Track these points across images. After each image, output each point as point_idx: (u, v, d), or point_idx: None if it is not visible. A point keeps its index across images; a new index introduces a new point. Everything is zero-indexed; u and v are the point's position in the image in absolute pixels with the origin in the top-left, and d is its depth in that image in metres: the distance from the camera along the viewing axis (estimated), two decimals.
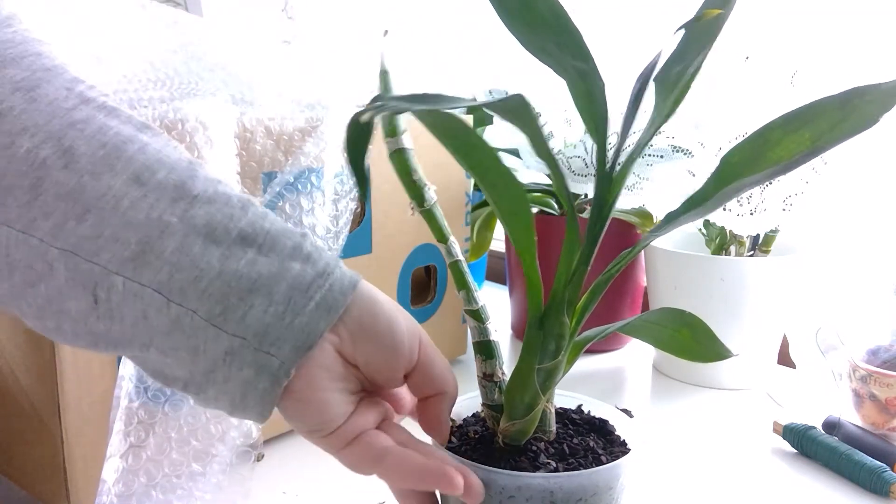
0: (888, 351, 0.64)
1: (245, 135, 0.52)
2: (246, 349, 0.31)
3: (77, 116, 0.30)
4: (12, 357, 0.49)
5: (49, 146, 0.29)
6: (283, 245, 0.32)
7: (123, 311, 0.30)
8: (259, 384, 0.31)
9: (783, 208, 0.68)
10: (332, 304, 0.32)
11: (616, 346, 0.86)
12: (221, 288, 0.30)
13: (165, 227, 0.30)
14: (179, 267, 0.30)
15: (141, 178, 0.30)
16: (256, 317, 0.31)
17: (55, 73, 0.31)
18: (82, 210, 0.29)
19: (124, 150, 0.30)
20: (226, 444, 0.48)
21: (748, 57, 0.70)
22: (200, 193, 0.31)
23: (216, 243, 0.30)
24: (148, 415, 0.47)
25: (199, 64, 0.51)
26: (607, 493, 0.37)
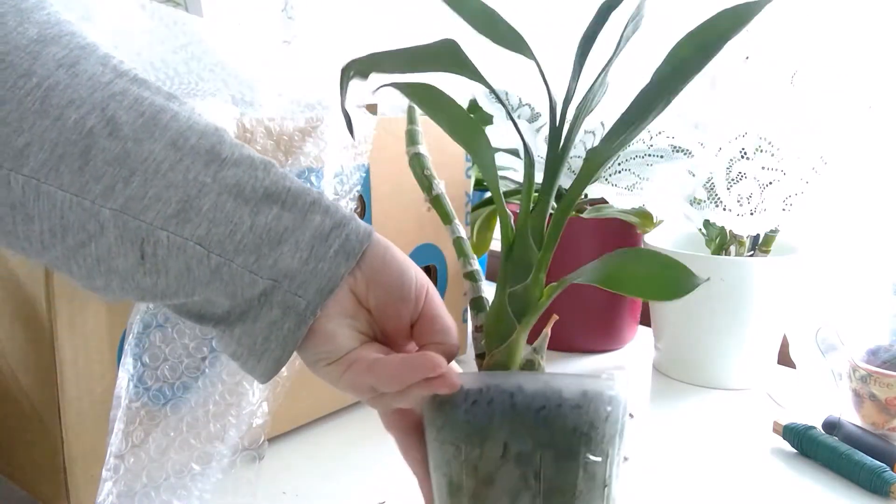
0: (888, 351, 0.64)
1: (245, 135, 0.52)
2: (278, 290, 0.34)
3: (115, 89, 0.33)
4: (12, 357, 0.49)
5: (94, 116, 0.32)
6: (303, 200, 0.35)
7: (168, 265, 0.33)
8: (285, 324, 0.34)
9: (783, 208, 0.68)
10: (349, 251, 0.35)
11: (616, 346, 0.86)
12: (254, 239, 0.34)
13: (202, 187, 0.33)
14: (216, 222, 0.33)
15: (177, 144, 0.33)
16: (286, 263, 0.34)
17: (90, 50, 0.33)
18: (129, 173, 0.32)
19: (160, 118, 0.33)
20: (226, 444, 0.48)
21: (748, 57, 0.70)
22: (228, 156, 0.34)
23: (246, 201, 0.34)
24: (148, 415, 0.47)
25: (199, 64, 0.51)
26: (575, 409, 0.35)
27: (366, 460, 0.58)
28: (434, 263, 0.74)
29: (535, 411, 0.34)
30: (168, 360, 0.48)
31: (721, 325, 0.71)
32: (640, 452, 0.59)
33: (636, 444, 0.60)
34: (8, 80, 0.31)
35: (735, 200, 0.68)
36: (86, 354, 0.46)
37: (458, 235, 0.45)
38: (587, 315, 0.83)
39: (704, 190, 0.69)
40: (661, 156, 0.70)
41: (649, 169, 0.71)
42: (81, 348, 0.46)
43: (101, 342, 0.47)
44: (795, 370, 0.78)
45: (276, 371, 0.35)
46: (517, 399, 0.35)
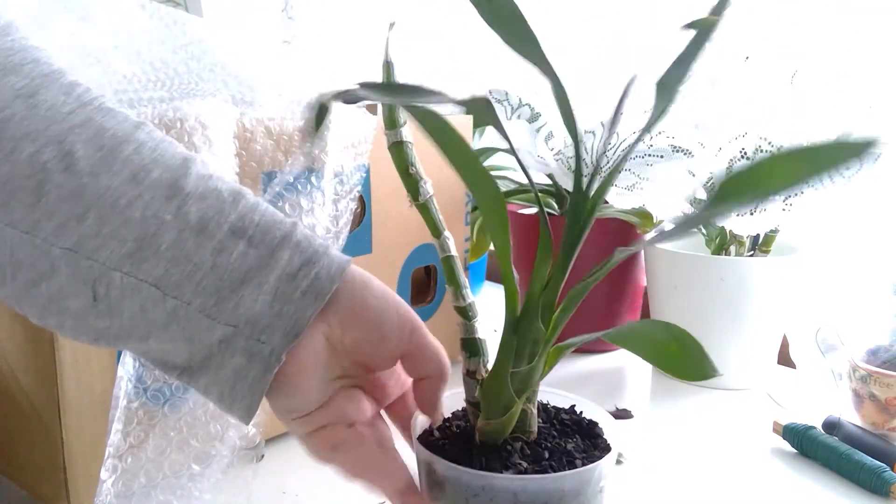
0: (888, 351, 0.64)
1: (245, 135, 0.52)
2: (238, 337, 0.32)
3: (75, 120, 0.31)
4: (12, 357, 0.49)
5: (50, 150, 0.30)
6: (272, 236, 0.33)
7: (122, 306, 0.31)
8: (250, 372, 0.32)
9: (783, 208, 0.68)
10: (319, 291, 0.33)
11: (616, 346, 0.86)
12: (214, 281, 0.32)
13: (161, 224, 0.31)
14: (175, 261, 0.31)
15: (137, 178, 0.31)
16: (247, 306, 0.32)
17: (52, 78, 0.32)
18: (83, 210, 0.30)
19: (121, 150, 0.31)
20: (225, 444, 0.48)
21: (748, 57, 0.70)
22: (192, 191, 0.32)
23: (209, 238, 0.32)
24: (147, 415, 0.47)
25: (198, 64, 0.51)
26: (574, 498, 0.36)
27: None
28: (434, 264, 0.74)
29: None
30: None
31: (721, 325, 0.71)
32: (640, 452, 0.59)
33: (636, 444, 0.60)
34: None
35: None
36: (86, 354, 0.46)
37: (448, 255, 0.40)
38: (587, 315, 0.82)
39: (704, 190, 0.69)
40: (661, 156, 0.70)
41: (649, 169, 0.71)
42: (81, 348, 0.46)
43: None
44: (795, 370, 0.78)
45: (250, 416, 0.34)
46: (521, 499, 0.36)
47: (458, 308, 0.40)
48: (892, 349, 0.64)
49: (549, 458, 0.38)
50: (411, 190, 0.40)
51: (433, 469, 0.38)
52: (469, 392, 0.40)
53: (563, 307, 0.37)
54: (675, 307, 0.74)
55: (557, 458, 0.38)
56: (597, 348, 0.84)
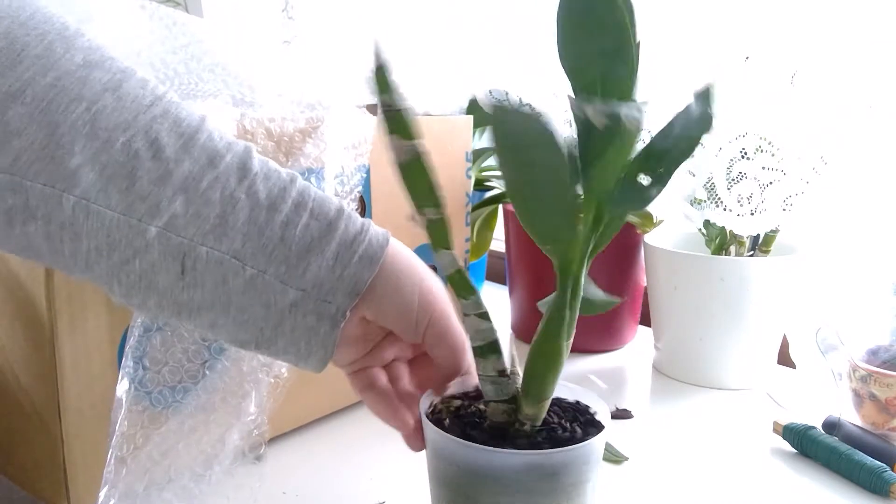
0: (888, 351, 0.64)
1: (245, 136, 0.52)
2: (307, 300, 0.36)
3: (156, 111, 0.35)
4: (12, 357, 0.49)
5: (140, 139, 0.34)
6: (328, 209, 0.38)
7: (206, 279, 0.35)
8: (321, 328, 0.37)
9: (783, 208, 0.68)
10: (371, 257, 0.38)
11: (616, 346, 0.86)
12: (284, 251, 0.36)
13: (237, 202, 0.35)
14: (250, 235, 0.35)
15: (213, 162, 0.35)
16: (313, 272, 0.36)
17: (129, 73, 0.35)
18: (172, 192, 0.34)
19: (197, 138, 0.35)
20: (227, 445, 0.48)
21: (748, 57, 0.70)
22: (258, 171, 0.36)
23: (277, 213, 0.36)
24: (150, 418, 0.47)
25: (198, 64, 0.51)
26: (575, 470, 0.38)
27: (366, 460, 0.58)
28: (434, 264, 0.74)
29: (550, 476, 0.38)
30: (168, 363, 0.48)
31: (721, 325, 0.71)
32: (640, 452, 0.59)
33: (636, 444, 0.60)
34: (61, 104, 0.33)
35: (735, 200, 0.68)
36: (86, 354, 0.46)
37: (457, 268, 0.39)
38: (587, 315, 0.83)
39: (704, 190, 0.70)
40: None
41: None
42: (81, 348, 0.46)
43: (101, 342, 0.47)
44: (795, 370, 0.78)
45: (324, 366, 0.39)
46: (525, 473, 0.38)
47: (480, 314, 0.40)
48: (892, 349, 0.64)
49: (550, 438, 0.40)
50: (431, 202, 0.36)
51: (443, 447, 0.39)
52: (502, 392, 0.40)
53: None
54: (675, 307, 0.74)
55: (557, 438, 0.40)
56: (597, 348, 0.84)
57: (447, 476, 0.40)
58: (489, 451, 0.38)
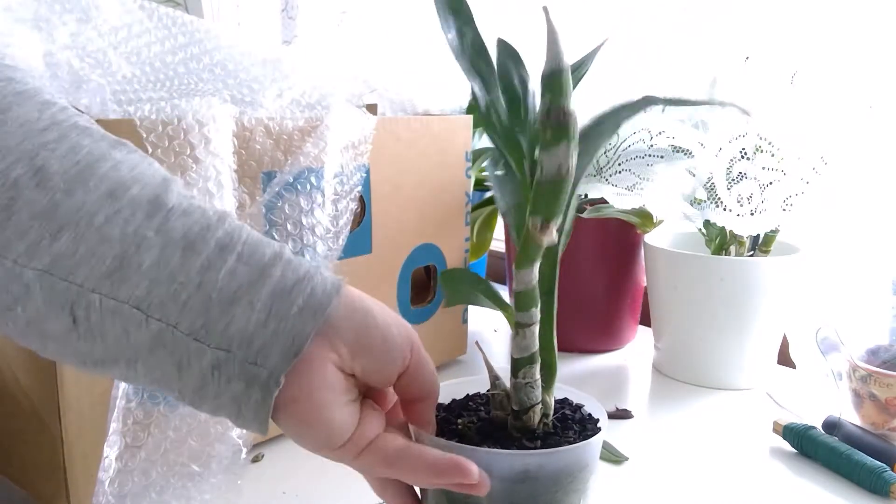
0: (888, 351, 0.64)
1: (244, 134, 0.52)
2: (231, 361, 0.30)
3: (49, 137, 0.30)
4: (12, 357, 0.49)
5: (21, 166, 0.29)
6: (262, 252, 0.32)
7: (104, 330, 0.30)
8: (251, 396, 0.31)
9: (783, 208, 0.68)
10: (316, 307, 0.32)
11: (616, 346, 0.86)
12: (202, 300, 0.30)
13: (142, 241, 0.29)
14: (157, 281, 0.29)
15: (115, 194, 0.30)
16: (239, 327, 0.30)
17: (26, 96, 0.31)
18: (56, 228, 0.29)
19: (98, 167, 0.30)
20: (224, 444, 0.48)
21: (748, 57, 0.70)
22: (175, 206, 0.31)
23: (195, 254, 0.30)
24: (145, 415, 0.47)
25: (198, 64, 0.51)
26: (576, 471, 0.39)
27: None
28: (434, 263, 0.74)
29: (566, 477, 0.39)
30: None
31: (721, 325, 0.71)
32: (640, 452, 0.59)
33: (636, 444, 0.60)
34: None
35: (735, 200, 0.68)
36: None
37: (534, 286, 0.38)
38: (587, 315, 0.83)
39: (704, 190, 0.69)
40: (661, 156, 0.70)
41: (649, 169, 0.71)
42: None
43: None
44: (795, 370, 0.78)
45: (265, 431, 0.32)
46: (529, 474, 0.38)
47: (533, 325, 0.39)
48: (892, 349, 0.64)
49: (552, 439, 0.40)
50: (558, 216, 0.35)
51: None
52: (533, 398, 0.41)
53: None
54: (675, 307, 0.74)
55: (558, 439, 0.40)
56: (597, 348, 0.84)
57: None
58: (490, 454, 0.37)
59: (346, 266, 0.62)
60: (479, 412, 0.44)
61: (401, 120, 0.67)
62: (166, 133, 0.47)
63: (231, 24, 1.11)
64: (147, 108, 0.46)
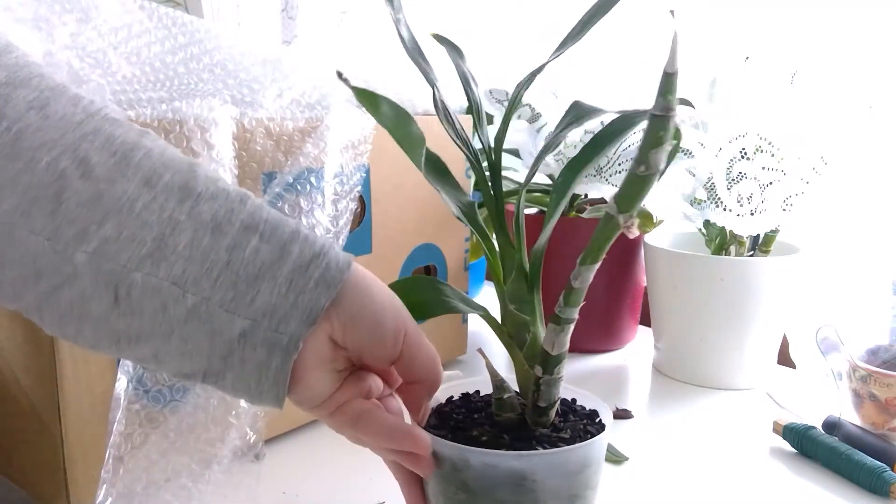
0: (888, 351, 0.64)
1: (245, 135, 0.52)
2: (257, 329, 0.33)
3: (86, 129, 0.32)
4: (12, 357, 0.49)
5: (66, 158, 0.32)
6: (282, 231, 0.35)
7: (143, 306, 0.32)
8: (272, 361, 0.34)
9: (783, 208, 0.68)
10: (330, 281, 0.35)
11: (616, 346, 0.86)
12: (230, 276, 0.33)
13: (176, 225, 0.33)
14: (192, 260, 0.33)
15: (150, 182, 0.33)
16: (264, 299, 0.34)
17: (59, 91, 0.33)
18: (102, 215, 0.32)
19: (132, 156, 0.33)
20: (226, 444, 0.48)
21: (748, 57, 0.70)
22: (203, 191, 0.34)
23: (223, 235, 0.33)
24: (148, 417, 0.47)
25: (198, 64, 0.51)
26: (578, 471, 0.39)
27: (365, 460, 0.58)
28: (434, 263, 0.74)
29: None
30: None
31: (721, 325, 0.71)
32: (640, 452, 0.59)
33: (636, 444, 0.60)
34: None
35: (735, 200, 0.68)
36: (85, 354, 0.46)
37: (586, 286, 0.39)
38: (587, 315, 0.82)
39: (704, 190, 0.69)
40: None
41: None
42: (81, 349, 0.46)
43: None
44: (795, 370, 0.78)
45: (281, 404, 0.35)
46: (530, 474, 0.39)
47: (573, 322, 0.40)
48: (892, 349, 0.64)
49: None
50: (635, 210, 0.35)
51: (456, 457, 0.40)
52: (551, 396, 0.42)
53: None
54: (675, 307, 0.74)
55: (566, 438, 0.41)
56: (597, 348, 0.84)
57: (449, 481, 0.40)
58: (495, 455, 0.38)
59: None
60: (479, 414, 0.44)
61: None
62: (164, 131, 0.47)
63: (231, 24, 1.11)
64: (147, 108, 0.46)
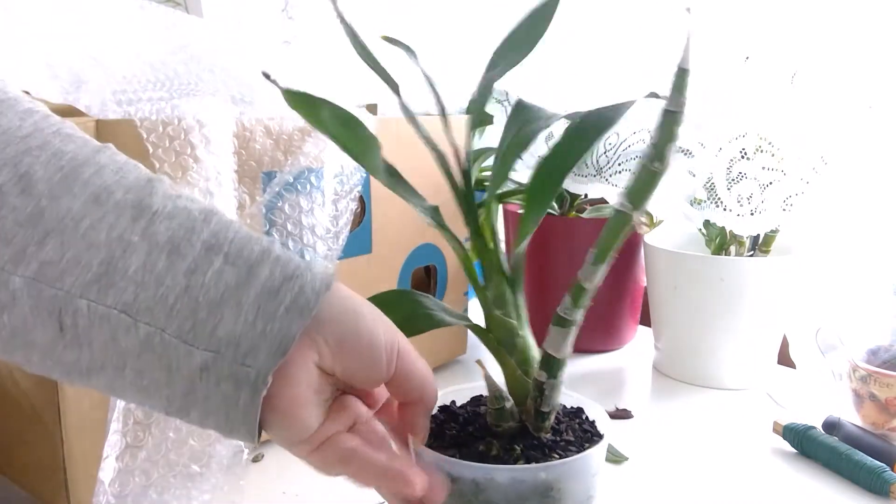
0: (888, 351, 0.64)
1: (244, 134, 0.52)
2: (221, 363, 0.30)
3: (32, 143, 0.30)
4: None
5: (5, 172, 0.29)
6: (249, 251, 0.32)
7: (91, 336, 0.29)
8: (240, 398, 0.31)
9: (783, 208, 0.68)
10: (303, 306, 0.31)
11: (616, 346, 0.86)
12: (189, 303, 0.30)
13: (127, 246, 0.29)
14: (145, 285, 0.29)
15: (100, 199, 0.30)
16: (227, 328, 0.30)
17: (8, 104, 0.31)
18: (42, 234, 0.29)
19: (81, 172, 0.30)
20: (224, 444, 0.48)
21: (748, 57, 0.70)
22: (160, 209, 0.31)
23: (181, 257, 0.30)
24: (145, 415, 0.47)
25: (198, 65, 0.51)
26: (569, 483, 0.39)
27: None
28: (434, 263, 0.74)
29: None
30: None
31: (721, 325, 0.71)
32: (640, 452, 0.59)
33: (636, 444, 0.60)
34: None
35: (735, 200, 0.68)
36: None
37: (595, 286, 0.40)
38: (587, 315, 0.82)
39: (704, 190, 0.69)
40: None
41: None
42: None
43: None
44: (795, 370, 0.78)
45: (254, 439, 0.32)
46: (521, 487, 0.38)
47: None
48: (892, 349, 0.64)
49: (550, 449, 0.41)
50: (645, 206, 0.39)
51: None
52: (554, 401, 0.41)
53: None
54: (675, 307, 0.74)
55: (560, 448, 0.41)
56: (597, 348, 0.84)
57: (472, 502, 0.39)
58: (521, 469, 0.38)
59: (346, 266, 0.62)
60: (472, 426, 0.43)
61: (401, 120, 0.67)
62: (167, 133, 0.47)
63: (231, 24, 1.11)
64: (147, 108, 0.46)
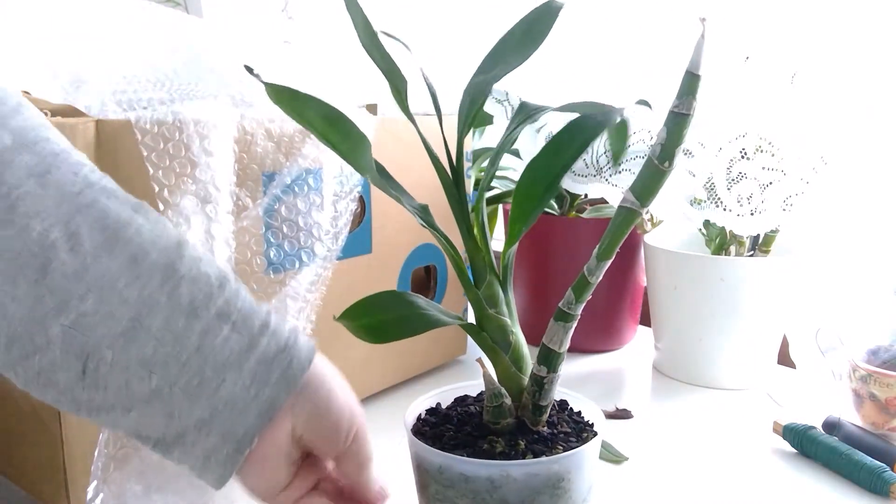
0: (888, 351, 0.64)
1: (245, 136, 0.52)
2: (216, 419, 0.34)
3: (83, 201, 0.33)
4: None
5: (58, 230, 0.32)
6: (252, 322, 0.36)
7: (108, 381, 0.33)
8: (224, 450, 0.35)
9: (783, 208, 0.68)
10: (290, 379, 0.36)
11: (616, 346, 0.86)
12: (199, 362, 0.34)
13: (154, 305, 0.33)
14: (164, 342, 0.33)
15: (136, 259, 0.33)
16: (228, 389, 0.34)
17: (62, 157, 0.34)
18: (84, 290, 0.32)
19: (122, 233, 0.33)
20: None
21: (748, 57, 0.70)
22: (186, 273, 0.34)
23: (197, 320, 0.34)
24: None
25: (198, 65, 0.51)
26: (564, 480, 0.39)
27: None
28: (434, 263, 0.74)
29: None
30: None
31: (721, 325, 0.71)
32: (640, 452, 0.59)
33: (636, 444, 0.60)
34: None
35: (735, 200, 0.68)
36: None
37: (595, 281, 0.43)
38: (587, 315, 0.82)
39: (704, 190, 0.69)
40: None
41: None
42: None
43: None
44: (795, 370, 0.78)
45: (222, 485, 0.36)
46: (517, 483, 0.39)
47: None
48: (892, 349, 0.64)
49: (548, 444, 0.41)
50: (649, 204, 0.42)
51: (440, 464, 0.40)
52: (551, 395, 0.42)
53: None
54: (675, 307, 0.74)
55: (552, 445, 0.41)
56: (597, 348, 0.84)
57: (487, 501, 0.40)
58: (535, 463, 0.38)
59: (346, 266, 0.62)
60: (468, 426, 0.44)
61: (401, 120, 0.67)
62: (162, 135, 0.47)
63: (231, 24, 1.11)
64: (149, 111, 0.46)
